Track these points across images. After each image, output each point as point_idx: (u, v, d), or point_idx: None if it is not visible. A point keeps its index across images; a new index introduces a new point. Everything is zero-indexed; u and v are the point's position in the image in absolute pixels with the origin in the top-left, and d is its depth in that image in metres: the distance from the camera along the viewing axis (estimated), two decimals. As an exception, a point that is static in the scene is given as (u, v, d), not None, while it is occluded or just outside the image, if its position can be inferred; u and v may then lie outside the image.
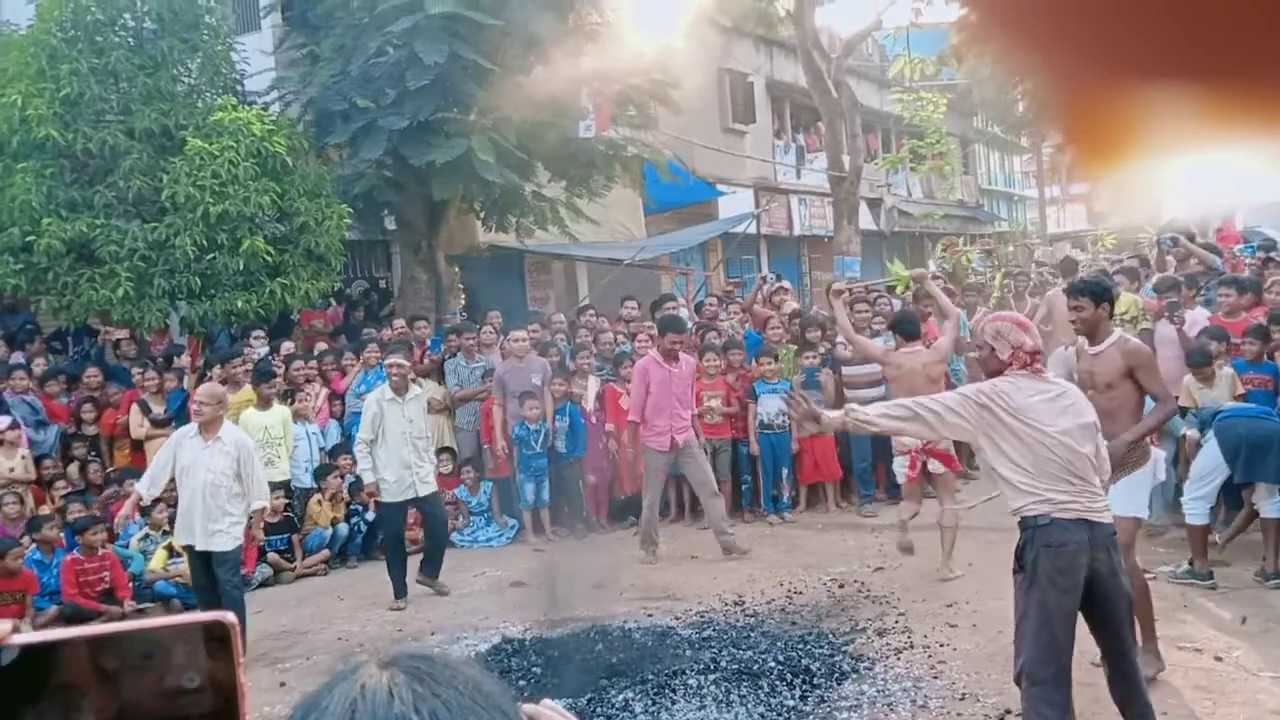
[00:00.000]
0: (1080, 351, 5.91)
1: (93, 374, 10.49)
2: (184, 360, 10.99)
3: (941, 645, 6.37)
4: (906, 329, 8.41)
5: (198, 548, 7.34)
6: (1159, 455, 5.90)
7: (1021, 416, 4.42)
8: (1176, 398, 7.85)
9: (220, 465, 7.17)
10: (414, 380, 9.05)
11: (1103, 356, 5.66)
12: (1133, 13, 0.56)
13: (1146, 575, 6.21)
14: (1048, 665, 4.33)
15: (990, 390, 4.48)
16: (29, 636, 0.78)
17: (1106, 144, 0.63)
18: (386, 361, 8.91)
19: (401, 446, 8.46)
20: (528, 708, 0.92)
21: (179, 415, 10.36)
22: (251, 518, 7.45)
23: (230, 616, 0.82)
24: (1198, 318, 9.13)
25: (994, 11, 0.64)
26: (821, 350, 10.65)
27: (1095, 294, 5.70)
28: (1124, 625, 4.53)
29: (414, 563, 8.78)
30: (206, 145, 10.61)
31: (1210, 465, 7.35)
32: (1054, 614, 4.34)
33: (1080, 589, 4.36)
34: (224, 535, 7.23)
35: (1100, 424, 4.76)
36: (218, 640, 0.81)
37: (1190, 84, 0.56)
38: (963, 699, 5.58)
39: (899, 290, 10.76)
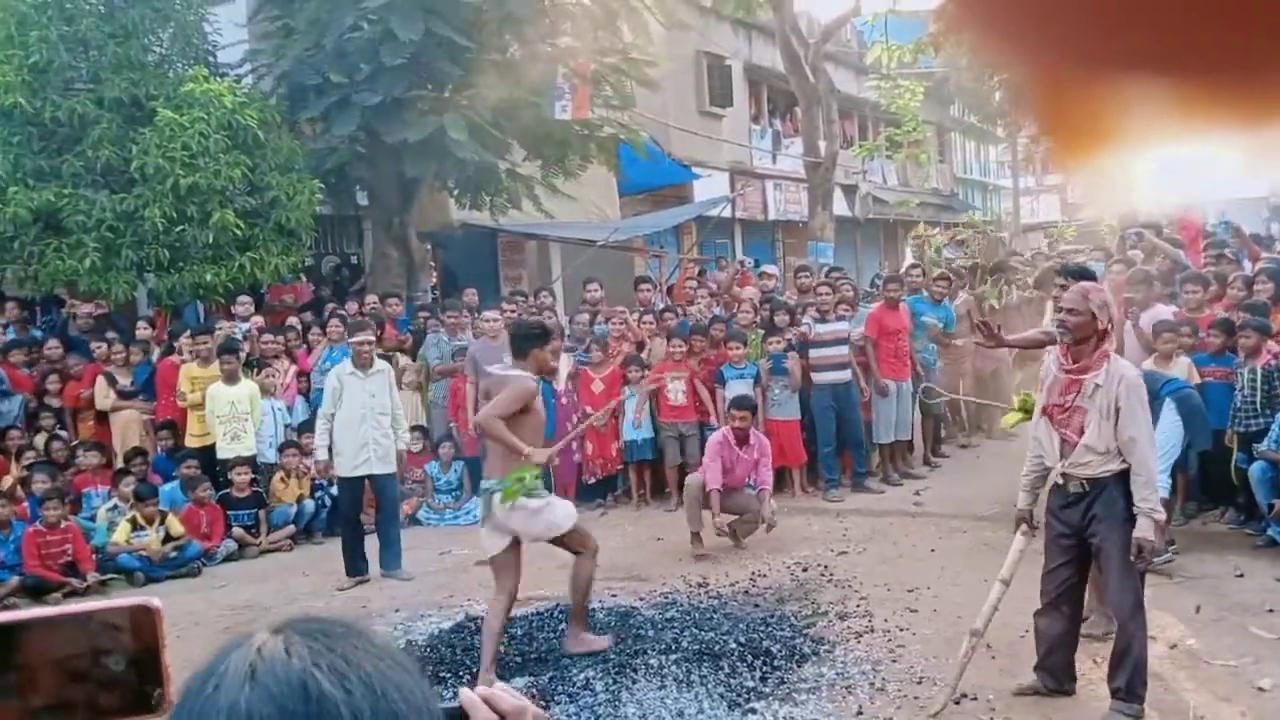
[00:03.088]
0: None
1: (53, 346, 10.42)
2: (148, 332, 10.90)
3: (901, 630, 6.43)
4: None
5: None
6: None
7: None
8: None
9: None
10: (383, 355, 8.94)
11: None
12: (1107, 7, 0.56)
13: None
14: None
15: (1141, 384, 4.91)
16: None
17: (1081, 134, 0.63)
18: (354, 339, 8.76)
19: (360, 423, 8.33)
20: (471, 692, 0.93)
21: (146, 388, 10.32)
22: None
23: (155, 601, 0.83)
24: (1158, 314, 8.88)
25: (972, 4, 0.63)
26: (789, 336, 10.67)
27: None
28: None
29: (372, 543, 8.75)
30: (177, 116, 10.51)
31: (1170, 438, 6.73)
32: None
33: None
34: None
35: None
36: (144, 624, 0.82)
37: (1163, 77, 0.57)
38: (920, 682, 5.64)
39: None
